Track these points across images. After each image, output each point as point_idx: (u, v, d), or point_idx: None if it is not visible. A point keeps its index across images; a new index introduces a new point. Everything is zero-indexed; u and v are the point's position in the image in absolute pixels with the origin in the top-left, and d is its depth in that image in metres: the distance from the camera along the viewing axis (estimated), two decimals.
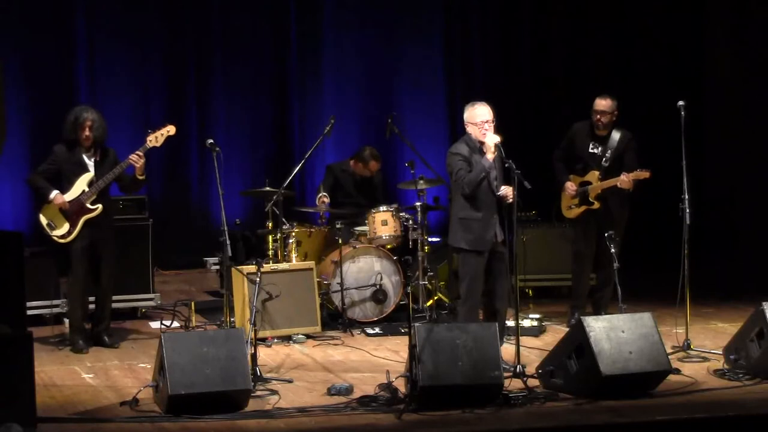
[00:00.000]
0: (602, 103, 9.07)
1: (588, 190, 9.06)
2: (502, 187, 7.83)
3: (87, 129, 8.39)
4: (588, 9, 12.85)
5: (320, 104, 12.59)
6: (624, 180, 8.82)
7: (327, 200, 10.07)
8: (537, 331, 8.94)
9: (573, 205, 9.18)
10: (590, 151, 9.11)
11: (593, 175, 9.06)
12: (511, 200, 7.70)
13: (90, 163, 8.48)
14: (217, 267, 10.48)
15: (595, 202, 9.04)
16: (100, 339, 8.65)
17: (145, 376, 7.60)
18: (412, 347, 6.87)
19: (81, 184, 8.44)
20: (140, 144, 8.46)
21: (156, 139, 8.47)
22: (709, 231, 10.98)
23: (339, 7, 12.73)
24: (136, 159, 8.37)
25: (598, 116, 9.06)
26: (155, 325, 9.37)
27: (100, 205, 8.44)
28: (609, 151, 9.04)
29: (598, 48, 12.81)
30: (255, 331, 7.79)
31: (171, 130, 8.53)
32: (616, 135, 9.07)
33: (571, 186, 9.14)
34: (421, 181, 9.67)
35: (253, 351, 7.47)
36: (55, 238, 8.43)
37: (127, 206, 9.63)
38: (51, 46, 11.94)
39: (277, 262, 9.31)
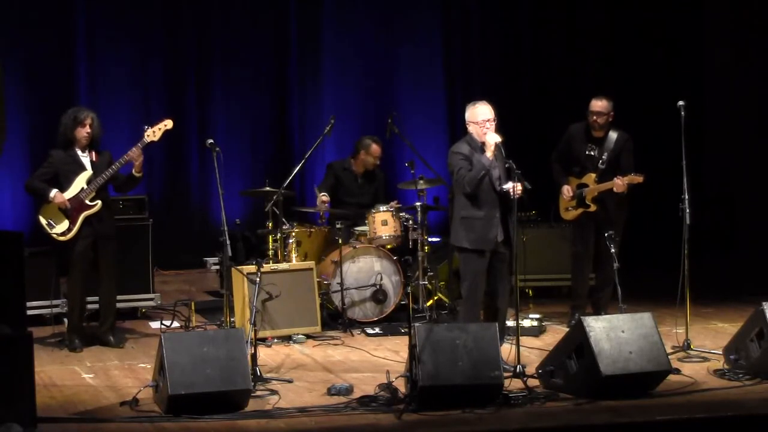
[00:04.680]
0: (598, 104, 9.06)
1: (584, 193, 9.05)
2: (509, 183, 7.80)
3: (88, 126, 8.44)
4: (587, 8, 12.85)
5: (320, 104, 12.59)
6: (618, 184, 8.82)
7: (327, 200, 10.06)
8: (537, 331, 8.94)
9: (570, 207, 9.18)
10: (587, 153, 9.10)
11: (590, 178, 9.06)
12: (518, 195, 7.66)
13: (87, 162, 8.51)
14: (217, 267, 10.48)
15: (592, 205, 9.03)
16: (105, 338, 8.66)
17: (145, 376, 7.60)
18: (412, 347, 6.87)
19: (80, 182, 8.46)
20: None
21: (154, 133, 8.48)
22: (709, 231, 10.98)
23: (339, 6, 12.74)
24: (137, 154, 8.38)
25: (594, 117, 9.05)
26: (155, 325, 9.37)
27: (99, 201, 8.45)
28: (605, 153, 9.03)
29: (597, 48, 12.81)
30: (255, 331, 7.79)
31: (168, 124, 8.54)
32: (612, 136, 9.06)
33: (567, 189, 9.14)
34: (421, 181, 9.67)
35: (253, 351, 7.46)
36: (55, 237, 8.44)
37: (127, 206, 9.64)
38: (51, 46, 11.94)
39: (277, 262, 9.31)
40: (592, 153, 9.08)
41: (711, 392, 7.25)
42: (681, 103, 8.46)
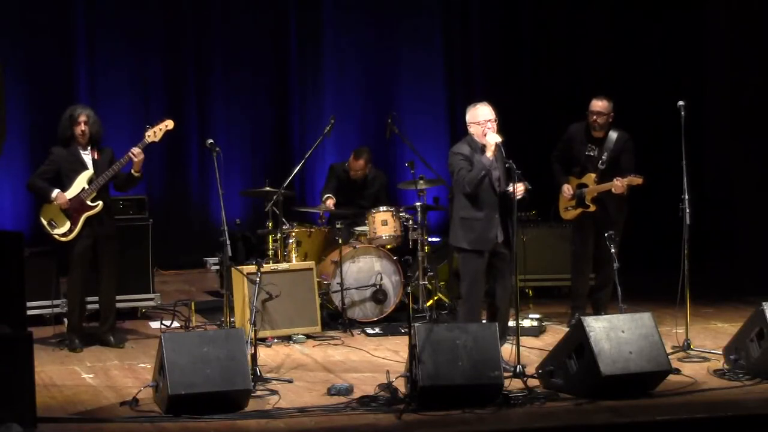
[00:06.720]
0: (598, 104, 9.06)
1: (584, 193, 9.06)
2: (510, 185, 7.79)
3: (82, 124, 8.43)
4: (587, 8, 12.85)
5: (320, 104, 12.59)
6: (617, 185, 8.82)
7: (333, 201, 10.07)
8: (537, 331, 8.94)
9: (570, 207, 9.18)
10: (587, 153, 9.10)
11: (589, 178, 9.06)
12: (519, 196, 7.67)
13: (89, 160, 8.50)
14: (217, 267, 10.48)
15: (591, 205, 9.03)
16: (106, 339, 8.66)
17: (145, 376, 7.60)
18: (412, 347, 6.87)
19: (81, 182, 8.46)
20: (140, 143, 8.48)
21: (155, 134, 8.48)
22: (708, 231, 10.97)
23: (339, 7, 12.74)
24: (137, 153, 8.38)
25: (595, 117, 9.04)
26: (155, 325, 9.37)
27: (100, 202, 8.45)
28: (605, 153, 9.03)
29: (597, 48, 12.80)
30: (255, 331, 7.79)
31: (170, 124, 8.53)
32: (612, 136, 9.06)
33: (567, 188, 9.14)
34: (421, 181, 9.68)
35: (253, 351, 7.47)
36: (57, 237, 8.44)
37: (127, 206, 9.64)
38: (51, 46, 11.95)
39: (277, 262, 9.31)
40: (592, 153, 9.08)
41: (711, 392, 7.25)
42: (681, 103, 8.46)
